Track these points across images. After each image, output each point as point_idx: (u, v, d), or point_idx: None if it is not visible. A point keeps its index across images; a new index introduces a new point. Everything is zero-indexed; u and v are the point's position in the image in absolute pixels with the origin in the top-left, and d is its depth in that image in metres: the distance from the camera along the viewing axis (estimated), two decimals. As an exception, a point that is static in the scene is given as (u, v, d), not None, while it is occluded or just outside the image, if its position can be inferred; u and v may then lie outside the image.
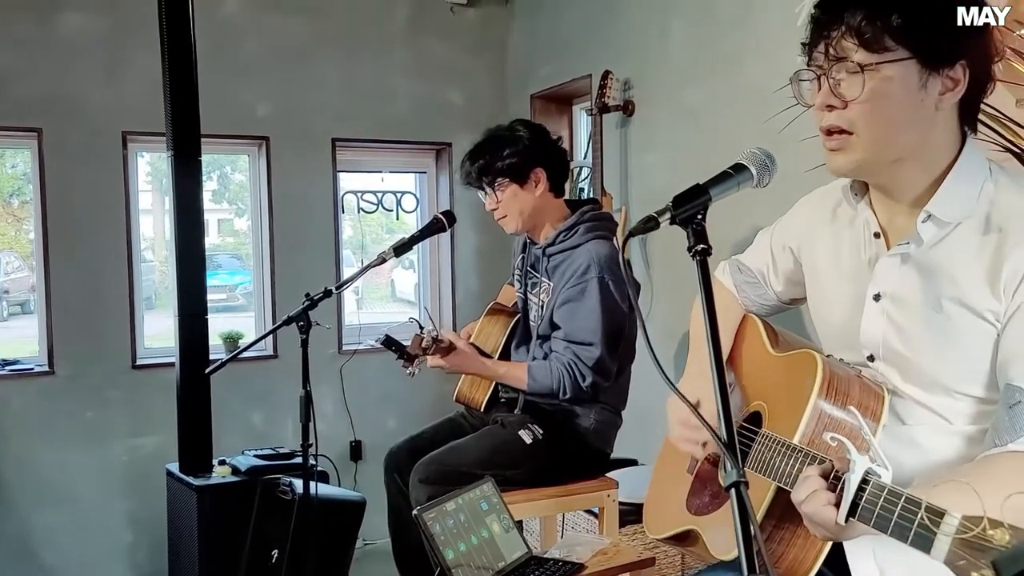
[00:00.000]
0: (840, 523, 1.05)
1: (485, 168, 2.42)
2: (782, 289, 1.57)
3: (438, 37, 4.23)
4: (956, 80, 1.16)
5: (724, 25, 3.03)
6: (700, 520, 1.49)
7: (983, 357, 1.19)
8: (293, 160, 3.96)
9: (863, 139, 1.19)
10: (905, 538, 0.97)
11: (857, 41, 1.15)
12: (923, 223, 1.22)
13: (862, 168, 1.23)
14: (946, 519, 0.92)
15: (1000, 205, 1.19)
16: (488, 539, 1.86)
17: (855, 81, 1.16)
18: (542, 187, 2.44)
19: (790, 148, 1.31)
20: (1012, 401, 1.13)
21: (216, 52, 3.63)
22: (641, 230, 1.14)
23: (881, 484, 1.02)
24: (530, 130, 2.46)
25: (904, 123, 1.18)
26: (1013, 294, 1.15)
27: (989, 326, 1.18)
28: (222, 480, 2.89)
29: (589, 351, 2.31)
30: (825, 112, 1.20)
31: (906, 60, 1.14)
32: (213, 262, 4.62)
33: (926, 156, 1.22)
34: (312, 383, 2.29)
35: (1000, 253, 1.16)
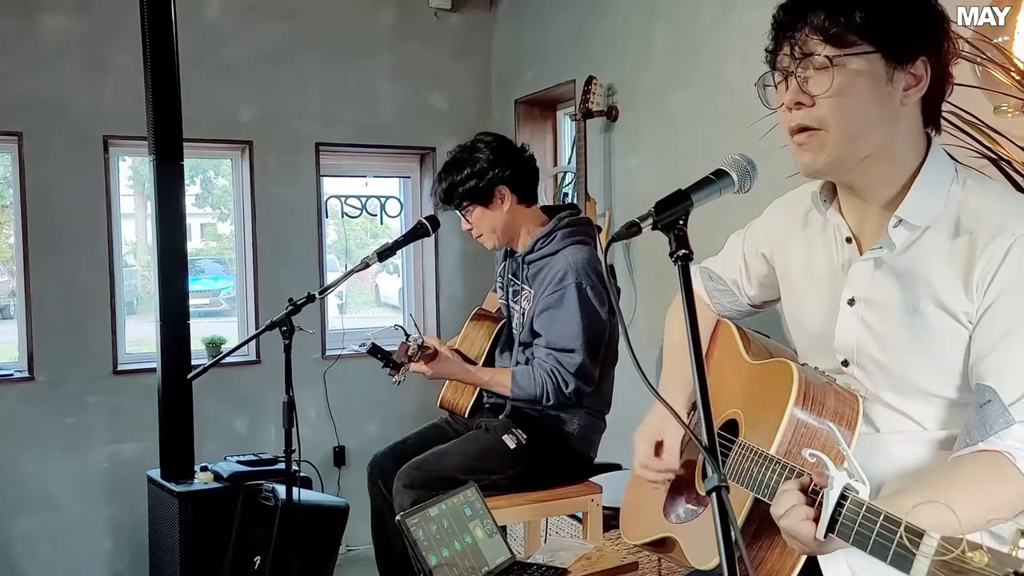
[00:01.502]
0: (819, 539, 1.06)
1: (449, 193, 2.42)
2: (755, 293, 1.58)
3: (422, 42, 4.23)
4: (919, 77, 1.19)
5: (705, 31, 3.06)
6: (677, 528, 1.49)
7: (957, 359, 1.20)
8: (276, 164, 3.94)
9: (833, 135, 1.20)
10: (885, 557, 0.97)
11: (822, 37, 1.17)
12: (894, 228, 1.23)
13: (833, 166, 1.24)
14: (925, 540, 0.93)
15: (969, 207, 1.20)
16: (471, 544, 1.86)
17: (823, 76, 1.18)
18: (509, 203, 2.42)
19: (771, 154, 1.32)
20: (982, 400, 1.15)
21: (199, 56, 3.61)
22: (624, 235, 1.14)
23: (859, 501, 1.02)
24: (490, 147, 2.42)
25: (872, 118, 1.19)
26: (984, 294, 1.16)
27: (962, 328, 1.19)
28: (204, 486, 2.87)
29: (571, 358, 2.31)
30: (793, 111, 1.21)
31: (871, 54, 1.16)
32: (196, 267, 4.58)
33: (893, 156, 1.23)
34: (295, 388, 2.28)
35: (971, 255, 1.17)
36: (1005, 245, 1.14)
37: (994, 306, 1.15)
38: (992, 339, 1.16)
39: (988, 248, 1.15)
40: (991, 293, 1.15)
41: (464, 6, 4.31)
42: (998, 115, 1.91)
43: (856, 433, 1.26)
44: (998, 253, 1.15)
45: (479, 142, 2.44)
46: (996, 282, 1.15)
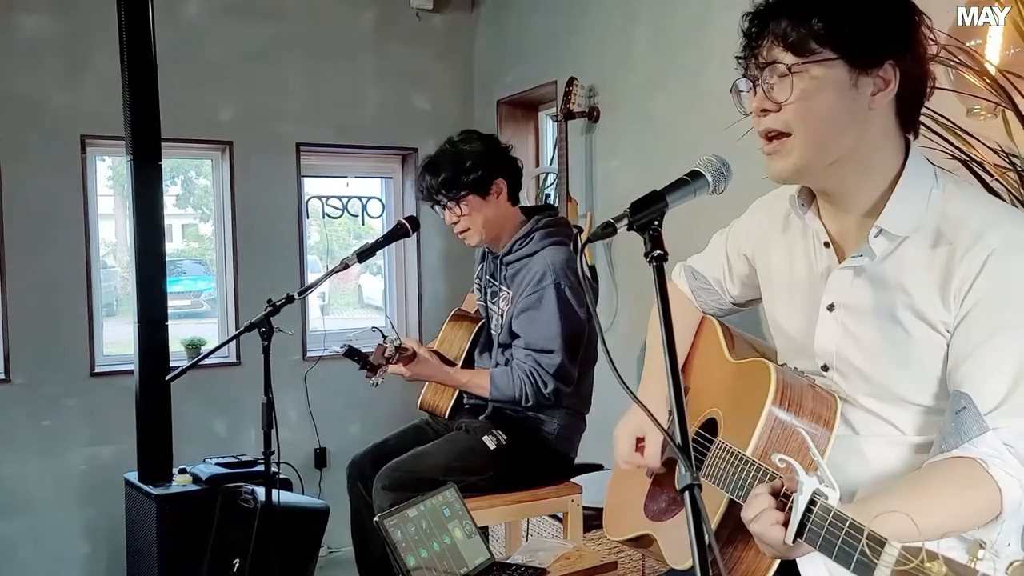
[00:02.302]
0: (788, 543, 1.06)
1: (450, 182, 2.37)
2: (738, 293, 1.58)
3: (404, 43, 4.22)
4: (887, 80, 1.18)
5: (685, 33, 3.07)
6: (656, 526, 1.50)
7: (935, 367, 1.21)
8: (257, 165, 3.92)
9: (799, 140, 1.20)
10: (848, 564, 0.98)
11: (783, 46, 1.18)
12: (875, 237, 1.23)
13: (801, 172, 1.24)
14: (887, 549, 0.94)
15: (949, 216, 1.20)
16: (450, 545, 1.85)
17: (785, 84, 1.19)
18: (503, 197, 2.43)
19: (749, 155, 1.33)
20: (958, 407, 1.15)
21: (178, 56, 3.59)
22: (599, 236, 1.14)
23: (827, 507, 1.03)
24: (485, 141, 2.44)
25: (838, 123, 1.19)
26: (961, 304, 1.17)
27: (940, 337, 1.20)
28: (182, 489, 2.85)
29: (550, 358, 2.31)
30: (761, 117, 1.23)
31: (832, 61, 1.17)
32: (177, 268, 4.56)
33: (867, 161, 1.23)
34: (276, 390, 2.27)
35: (949, 265, 1.18)
36: (983, 256, 1.15)
37: (971, 315, 1.16)
38: (969, 347, 1.16)
39: (966, 259, 1.16)
40: (968, 303, 1.16)
41: (446, 7, 4.31)
42: (971, 117, 1.93)
43: (833, 434, 1.27)
44: (975, 264, 1.15)
45: (471, 136, 2.45)
46: (973, 292, 1.16)
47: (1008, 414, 1.13)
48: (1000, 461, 1.12)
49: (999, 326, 1.15)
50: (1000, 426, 1.12)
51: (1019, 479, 1.12)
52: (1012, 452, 1.12)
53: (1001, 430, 1.12)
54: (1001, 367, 1.14)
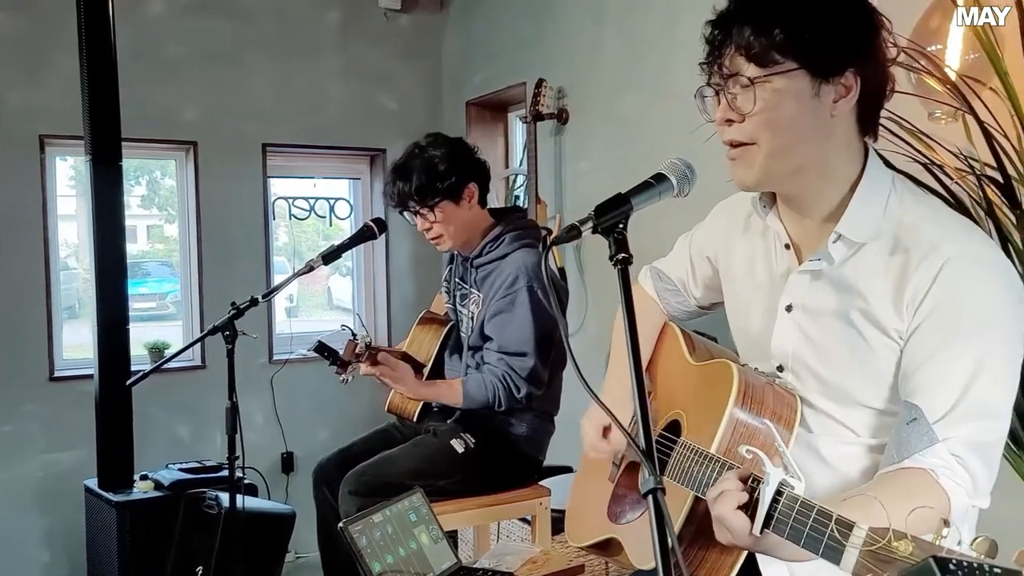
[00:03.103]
0: (755, 534, 1.06)
1: (424, 189, 2.33)
2: (701, 295, 1.59)
3: (371, 42, 4.19)
4: (848, 87, 1.18)
5: (653, 36, 3.08)
6: (620, 529, 1.50)
7: (888, 371, 1.22)
8: (222, 165, 3.87)
9: (764, 149, 1.20)
10: (817, 550, 0.99)
11: (746, 57, 1.17)
12: (834, 243, 1.24)
13: (764, 181, 1.25)
14: (855, 531, 0.95)
15: (905, 225, 1.21)
16: (416, 550, 1.84)
17: (748, 95, 1.18)
18: (474, 201, 2.41)
19: (716, 157, 1.33)
20: (909, 418, 1.17)
21: (140, 54, 3.54)
22: (564, 239, 1.15)
23: (795, 496, 1.03)
24: (453, 145, 2.40)
25: (802, 132, 1.20)
26: (914, 313, 1.18)
27: (894, 343, 1.21)
28: (143, 495, 2.81)
29: (523, 361, 2.30)
30: (725, 127, 1.23)
31: (795, 71, 1.16)
32: (141, 269, 4.49)
33: (828, 169, 1.24)
34: (241, 394, 2.24)
35: (904, 274, 1.19)
36: (936, 266, 1.16)
37: (923, 325, 1.17)
38: (920, 357, 1.18)
39: (920, 268, 1.17)
40: (921, 313, 1.17)
41: (414, 7, 4.29)
42: (932, 121, 1.95)
43: (794, 432, 1.28)
44: (929, 274, 1.16)
45: (437, 141, 2.41)
46: (927, 302, 1.16)
47: (955, 424, 1.14)
48: (948, 471, 1.13)
49: (950, 337, 1.16)
50: (949, 436, 1.14)
51: (966, 488, 1.14)
52: (960, 462, 1.14)
53: (950, 440, 1.14)
54: (950, 378, 1.15)
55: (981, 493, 1.16)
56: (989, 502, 1.19)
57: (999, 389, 1.16)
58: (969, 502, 1.15)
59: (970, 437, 1.14)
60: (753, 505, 1.07)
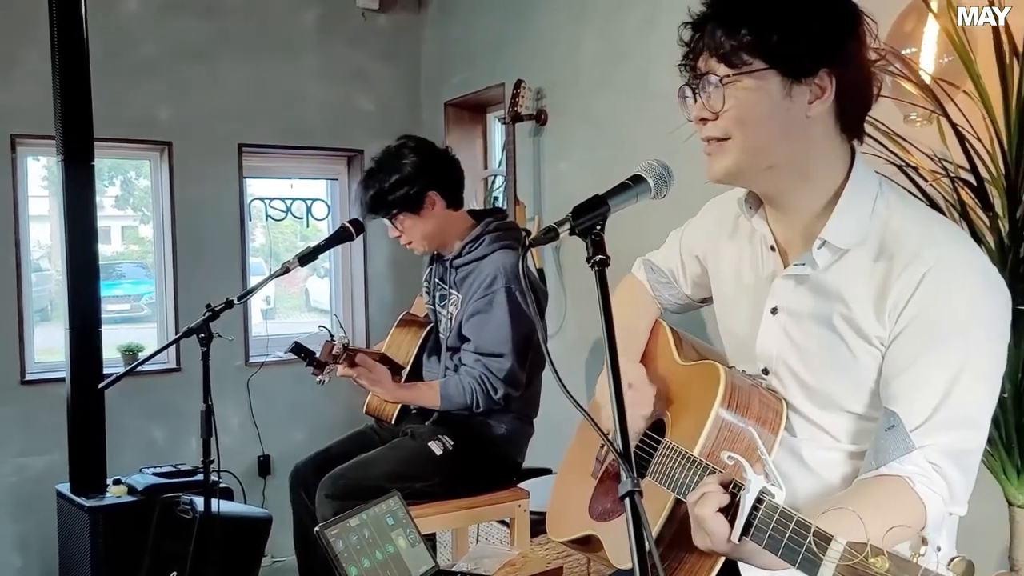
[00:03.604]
0: (734, 541, 1.06)
1: (377, 201, 2.36)
2: (692, 291, 1.60)
3: (349, 42, 4.17)
4: (823, 88, 1.18)
5: (632, 37, 3.08)
6: (601, 526, 1.49)
7: (868, 377, 1.22)
8: (197, 166, 3.83)
9: (737, 143, 1.21)
10: (794, 561, 0.99)
11: (716, 57, 1.19)
12: (818, 249, 1.24)
13: (735, 175, 1.25)
14: (832, 545, 0.94)
15: (891, 230, 1.21)
16: (393, 554, 1.82)
17: (719, 94, 1.19)
18: (439, 208, 2.39)
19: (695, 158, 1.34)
20: (887, 425, 1.17)
21: (113, 53, 3.49)
22: (541, 241, 1.15)
23: (774, 505, 1.03)
24: (416, 152, 2.38)
25: (774, 131, 1.20)
26: (896, 320, 1.18)
27: (875, 350, 1.21)
28: (116, 500, 2.77)
29: (500, 363, 2.30)
30: (701, 125, 1.24)
31: (764, 71, 1.17)
32: (116, 271, 4.44)
33: (807, 168, 1.24)
34: (217, 397, 2.22)
35: (887, 280, 1.18)
36: (919, 274, 1.16)
37: (905, 332, 1.17)
38: (900, 365, 1.18)
39: (903, 275, 1.17)
40: (903, 320, 1.17)
41: (392, 7, 4.27)
42: (907, 124, 1.97)
43: (779, 438, 1.28)
44: (911, 282, 1.16)
45: (404, 147, 2.39)
46: (908, 309, 1.16)
47: (933, 432, 1.14)
48: (925, 479, 1.14)
49: (930, 345, 1.16)
50: (926, 444, 1.14)
51: (942, 495, 1.14)
52: (936, 470, 1.14)
53: (927, 448, 1.14)
54: (929, 385, 1.15)
55: (958, 501, 1.16)
56: (967, 509, 1.19)
57: (978, 398, 1.16)
58: (946, 509, 1.16)
59: (947, 445, 1.14)
60: (733, 511, 1.07)
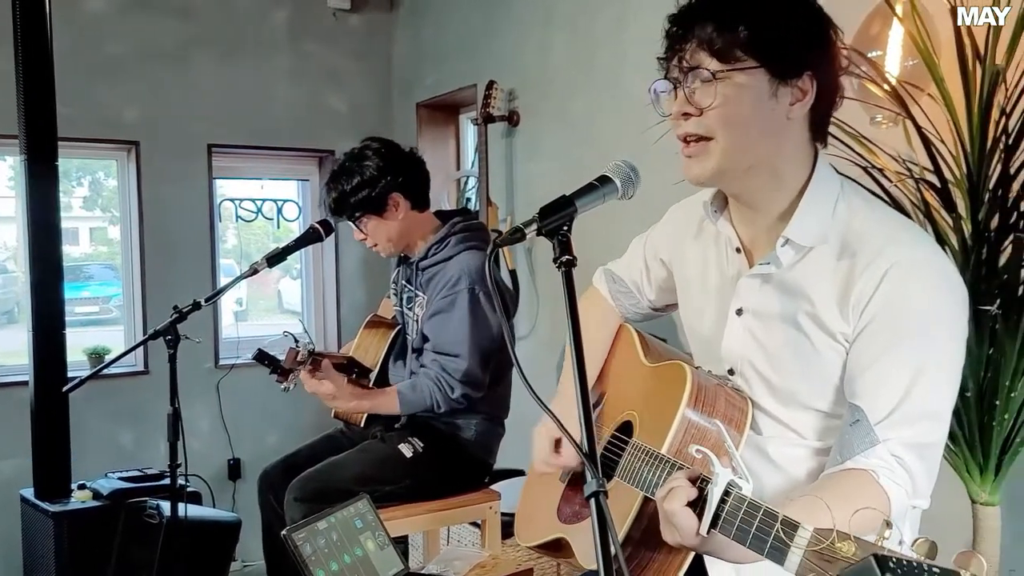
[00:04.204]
0: (703, 534, 1.07)
1: (340, 204, 2.35)
2: (655, 297, 1.60)
3: (320, 42, 4.14)
4: (804, 91, 1.20)
5: (603, 39, 3.09)
6: (569, 529, 1.49)
7: (833, 374, 1.23)
8: (165, 166, 3.78)
9: (720, 144, 1.21)
10: (762, 550, 0.99)
11: (709, 52, 1.18)
12: (782, 247, 1.25)
13: (718, 176, 1.25)
14: (799, 532, 0.96)
15: (853, 229, 1.23)
16: (362, 557, 1.80)
17: (708, 89, 1.19)
18: (403, 210, 2.38)
19: (667, 160, 1.34)
20: (852, 420, 1.18)
21: (79, 52, 3.45)
22: (508, 241, 1.14)
23: (742, 496, 1.04)
24: (378, 154, 2.36)
25: (757, 130, 1.21)
26: (860, 316, 1.19)
27: (840, 346, 1.22)
28: (81, 505, 2.72)
29: (456, 363, 2.29)
30: (682, 120, 1.23)
31: (755, 69, 1.17)
32: (84, 273, 4.38)
33: (777, 169, 1.25)
34: (187, 400, 2.20)
35: (850, 277, 1.20)
36: (881, 271, 1.17)
37: (868, 329, 1.19)
38: (864, 360, 1.19)
39: (866, 272, 1.18)
40: (866, 316, 1.18)
41: (364, 7, 4.25)
42: (873, 126, 2.00)
43: (744, 435, 1.29)
44: (874, 278, 1.17)
45: (367, 149, 2.38)
46: (871, 306, 1.18)
47: (896, 426, 1.16)
48: (889, 472, 1.15)
49: (893, 341, 1.17)
50: (890, 437, 1.16)
51: (905, 488, 1.16)
52: (900, 463, 1.16)
53: (890, 441, 1.16)
54: (892, 381, 1.17)
55: (920, 493, 1.18)
56: (929, 502, 1.20)
57: (939, 392, 1.18)
58: (909, 502, 1.17)
59: (910, 438, 1.16)
60: (701, 505, 1.07)
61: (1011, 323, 1.62)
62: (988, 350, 1.63)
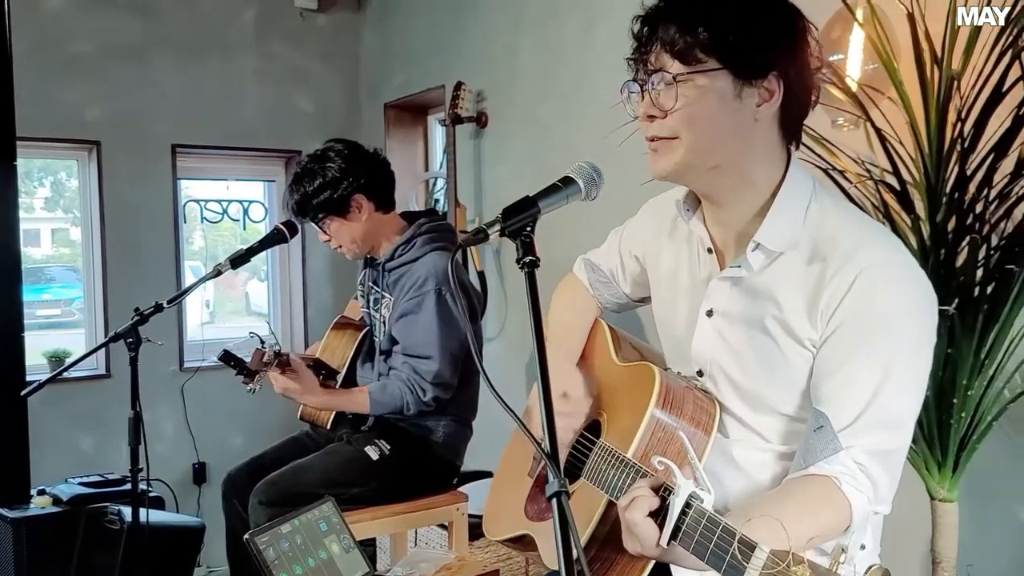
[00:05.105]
0: (662, 545, 1.06)
1: (303, 205, 2.34)
2: (630, 291, 1.59)
3: (287, 42, 4.11)
4: (771, 91, 1.19)
5: (570, 42, 3.10)
6: (535, 526, 1.49)
7: (800, 380, 1.23)
8: (128, 167, 3.72)
9: (684, 143, 1.20)
10: (720, 567, 0.99)
11: (670, 54, 1.17)
12: (752, 251, 1.25)
13: (681, 172, 1.24)
14: (756, 553, 0.95)
15: (824, 233, 1.22)
16: (327, 560, 1.79)
17: (671, 92, 1.18)
18: (367, 211, 2.37)
19: (633, 162, 1.34)
20: (816, 425, 1.18)
21: (39, 49, 3.39)
22: (471, 242, 1.14)
23: (702, 510, 1.04)
24: (341, 156, 2.35)
25: (722, 132, 1.20)
26: (828, 322, 1.19)
27: (807, 352, 1.22)
28: (40, 511, 2.67)
29: (427, 364, 2.28)
30: (648, 123, 1.22)
31: (718, 71, 1.17)
32: (45, 275, 4.29)
33: (748, 170, 1.24)
34: (151, 403, 2.17)
35: (820, 283, 1.19)
36: (851, 276, 1.17)
37: (835, 334, 1.18)
38: (830, 366, 1.19)
39: (835, 278, 1.18)
40: (834, 322, 1.18)
41: (331, 7, 4.22)
42: (835, 129, 2.02)
43: (711, 439, 1.29)
44: (843, 284, 1.17)
45: (330, 150, 2.37)
46: (839, 312, 1.18)
47: (860, 433, 1.16)
48: (851, 479, 1.15)
49: (859, 347, 1.17)
50: (853, 444, 1.16)
51: (867, 495, 1.16)
52: (862, 469, 1.16)
53: (854, 448, 1.16)
54: (857, 387, 1.17)
55: (882, 500, 1.18)
56: (891, 508, 1.21)
57: (904, 399, 1.18)
58: (871, 509, 1.17)
59: (873, 445, 1.16)
60: (662, 516, 1.07)
61: (968, 323, 1.64)
62: (946, 349, 1.66)
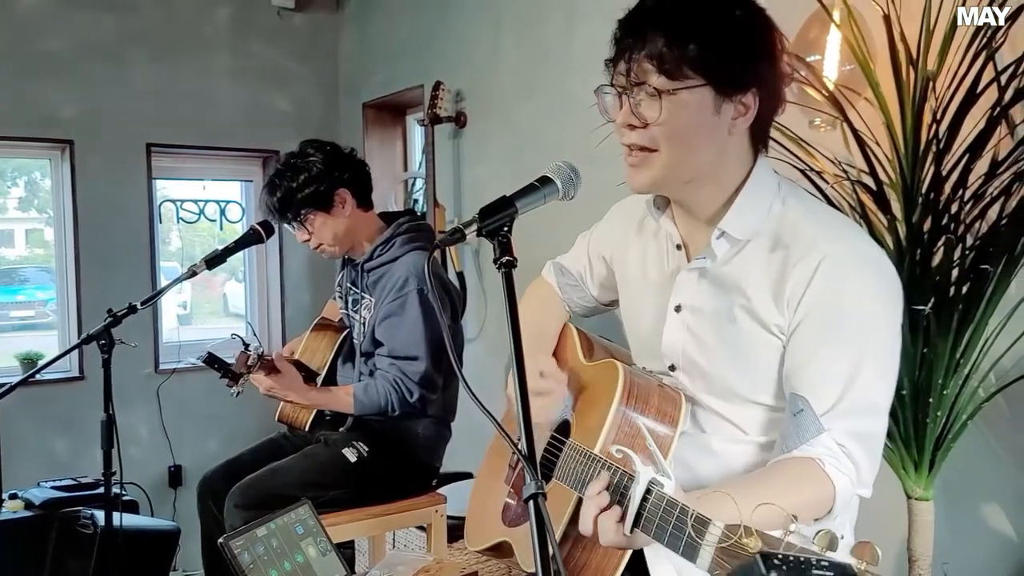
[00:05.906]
0: (627, 534, 1.07)
1: (286, 202, 2.30)
2: (598, 294, 1.61)
3: (264, 41, 4.07)
4: (747, 106, 1.21)
5: (550, 42, 3.10)
6: (513, 532, 1.49)
7: (771, 367, 1.24)
8: (102, 166, 3.68)
9: (663, 157, 1.22)
10: (678, 548, 0.99)
11: (657, 67, 1.17)
12: (717, 240, 1.26)
13: (659, 185, 1.27)
14: (710, 528, 0.95)
15: (787, 224, 1.24)
16: (304, 564, 1.77)
17: (654, 104, 1.19)
18: (350, 206, 2.36)
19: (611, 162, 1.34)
20: (796, 409, 1.19)
21: (11, 47, 3.35)
22: (448, 241, 1.15)
23: (662, 495, 1.04)
24: (322, 152, 2.34)
25: (700, 145, 1.21)
26: (796, 308, 1.20)
27: (776, 339, 1.23)
28: (12, 515, 2.64)
29: (414, 365, 2.27)
30: (626, 130, 1.23)
31: (701, 87, 1.17)
32: (18, 276, 4.24)
33: (719, 178, 1.26)
34: (126, 406, 2.14)
35: (784, 270, 1.21)
36: (814, 263, 1.19)
37: (806, 320, 1.20)
38: (804, 352, 1.20)
39: (800, 265, 1.20)
40: (802, 308, 1.20)
41: (309, 6, 4.19)
42: (812, 129, 2.03)
43: (679, 430, 1.29)
44: (808, 270, 1.19)
45: (307, 148, 2.36)
46: (806, 298, 1.19)
47: (841, 416, 1.18)
48: (834, 460, 1.17)
49: (832, 331, 1.19)
50: (834, 427, 1.17)
51: (850, 476, 1.17)
52: (845, 451, 1.17)
53: (835, 431, 1.17)
54: (834, 372, 1.18)
55: (864, 483, 1.20)
56: (871, 492, 1.22)
57: (880, 384, 1.20)
58: (853, 490, 1.19)
59: (854, 428, 1.18)
60: (625, 505, 1.07)
61: (943, 323, 1.66)
62: (922, 349, 1.67)
